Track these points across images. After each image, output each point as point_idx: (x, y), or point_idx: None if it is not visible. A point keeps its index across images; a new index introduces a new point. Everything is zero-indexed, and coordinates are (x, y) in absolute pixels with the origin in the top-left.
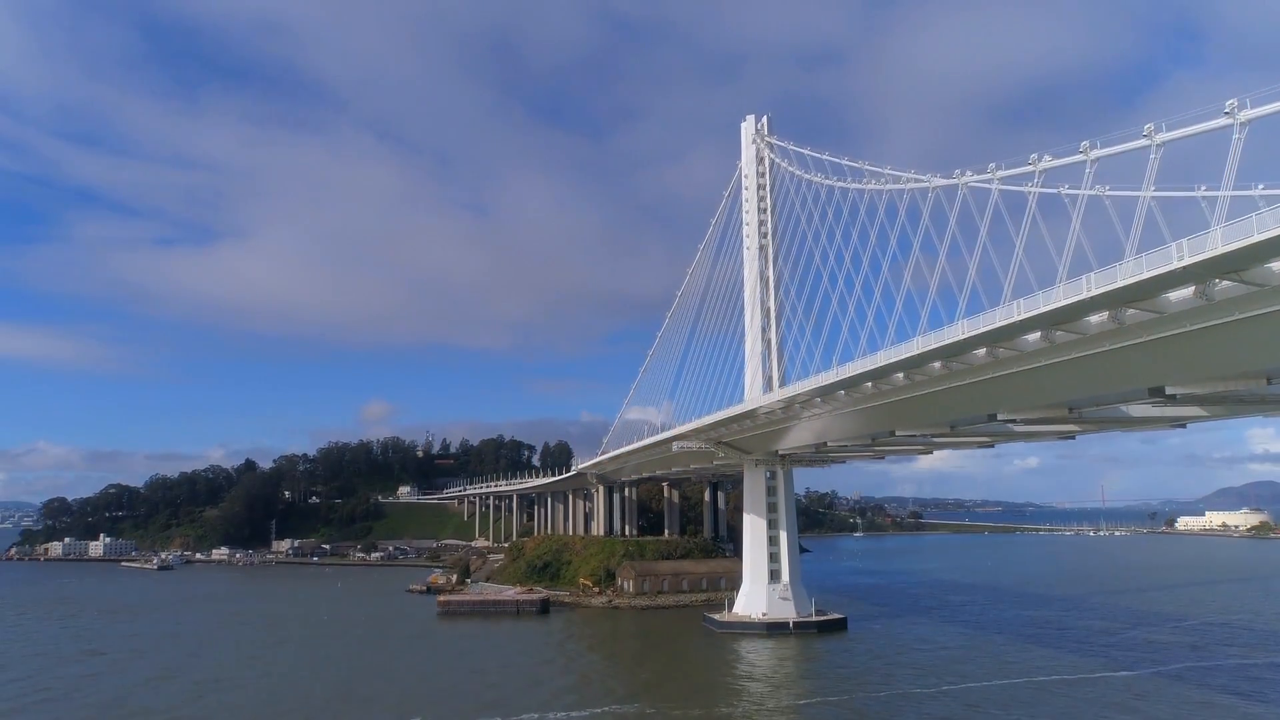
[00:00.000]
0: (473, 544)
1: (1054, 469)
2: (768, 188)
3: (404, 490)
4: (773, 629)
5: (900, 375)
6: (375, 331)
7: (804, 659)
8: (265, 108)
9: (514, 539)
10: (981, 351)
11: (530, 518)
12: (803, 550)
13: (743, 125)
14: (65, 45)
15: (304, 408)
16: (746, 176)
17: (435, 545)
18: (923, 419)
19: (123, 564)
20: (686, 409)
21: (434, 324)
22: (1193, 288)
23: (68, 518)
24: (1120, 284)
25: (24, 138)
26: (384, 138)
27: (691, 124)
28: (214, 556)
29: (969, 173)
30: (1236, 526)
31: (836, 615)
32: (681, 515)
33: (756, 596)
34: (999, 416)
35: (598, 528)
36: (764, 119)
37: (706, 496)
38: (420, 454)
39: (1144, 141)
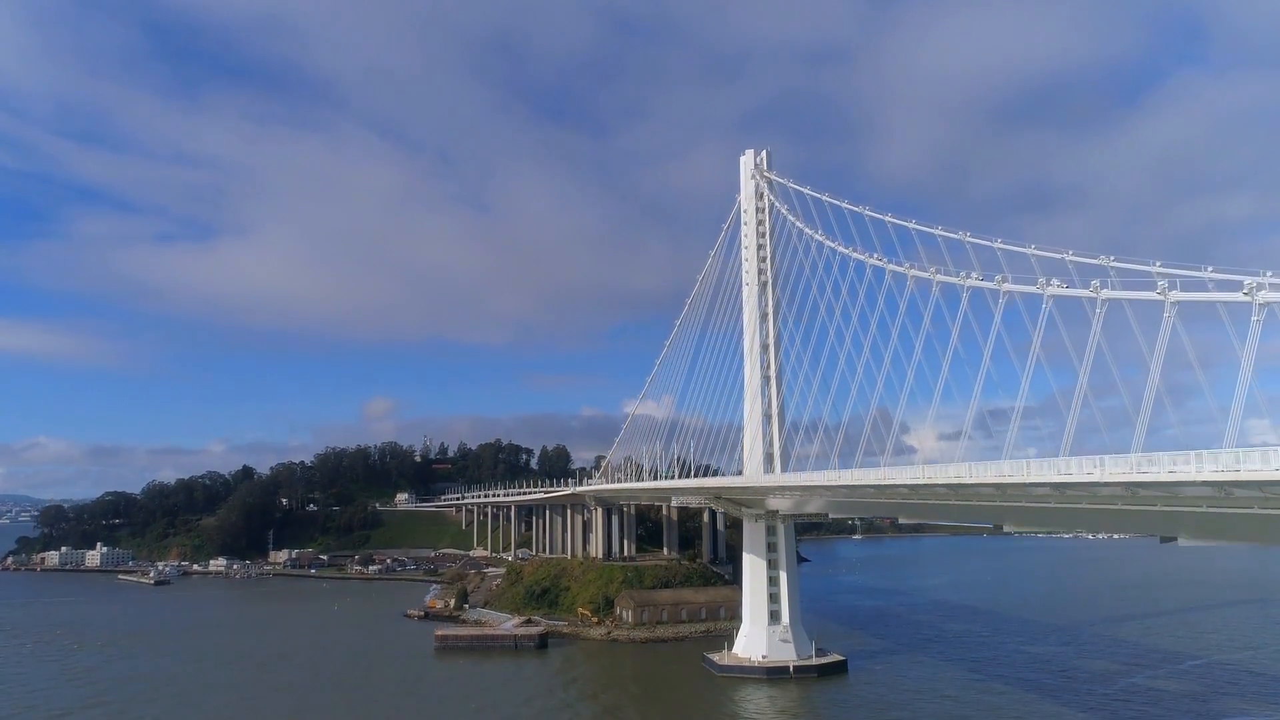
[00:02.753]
0: (471, 553)
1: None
2: (767, 229)
3: (401, 498)
4: (772, 674)
5: (905, 489)
6: (376, 327)
7: (801, 712)
8: (267, 105)
9: (512, 550)
10: (990, 488)
11: (528, 527)
12: (802, 560)
13: (742, 160)
14: (67, 43)
15: (305, 403)
16: (745, 211)
17: (433, 555)
18: (927, 515)
19: (119, 577)
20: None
21: (435, 320)
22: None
23: (64, 524)
24: (1137, 478)
25: (25, 135)
26: (385, 135)
27: (694, 122)
28: (211, 568)
29: (973, 275)
30: None
31: (836, 657)
32: (680, 532)
33: (756, 638)
34: (1005, 528)
35: (596, 545)
36: (763, 154)
37: (705, 517)
38: (418, 459)
39: (1155, 296)
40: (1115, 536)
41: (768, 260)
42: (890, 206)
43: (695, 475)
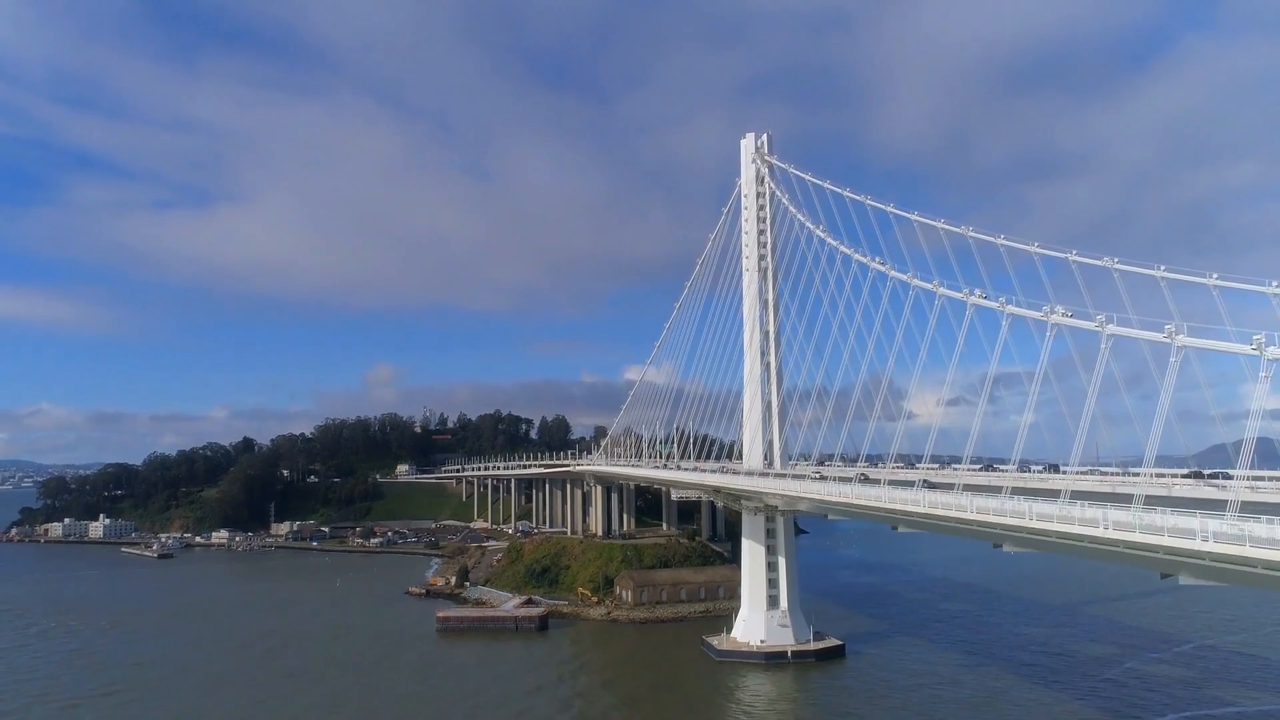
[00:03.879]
0: (472, 525)
1: (1051, 425)
2: (768, 215)
3: (402, 469)
4: (771, 659)
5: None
6: (376, 294)
7: (800, 699)
8: (263, 71)
9: (513, 522)
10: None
11: (529, 499)
12: (800, 532)
13: (742, 143)
14: (61, 8)
15: (307, 370)
16: (746, 196)
17: (434, 526)
18: (925, 529)
19: (123, 549)
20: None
21: (435, 287)
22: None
23: (67, 496)
24: (1139, 538)
25: (21, 101)
26: (384, 101)
27: (695, 88)
28: (214, 540)
29: (977, 292)
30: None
31: (834, 642)
32: (680, 507)
33: (755, 623)
34: (1005, 548)
35: (596, 520)
36: (764, 137)
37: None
38: (418, 429)
39: (1163, 338)
40: None
41: (768, 247)
42: (892, 174)
43: (695, 445)
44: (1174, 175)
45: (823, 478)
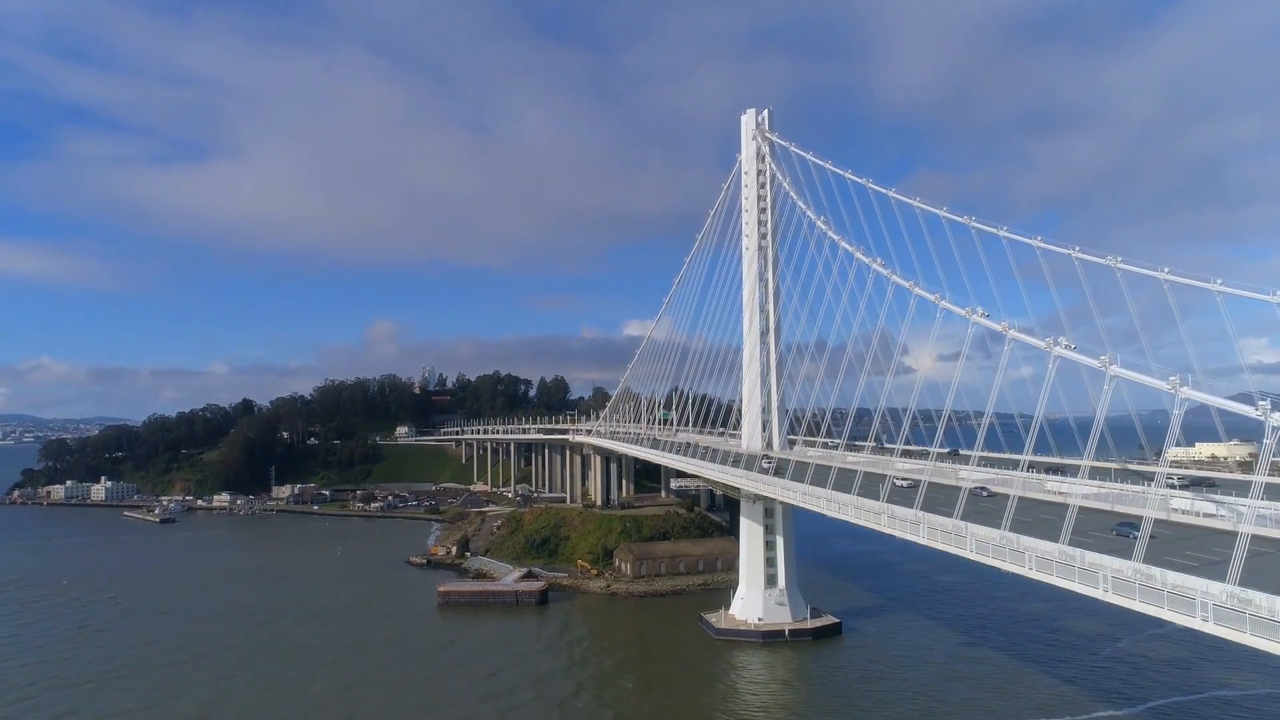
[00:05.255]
0: (471, 488)
1: (1043, 379)
2: (769, 196)
3: (401, 431)
4: (768, 638)
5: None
6: (374, 249)
7: (798, 680)
8: (259, 22)
9: (512, 486)
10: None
11: (528, 463)
12: None
13: (742, 119)
14: None
15: (307, 325)
16: (746, 174)
17: (434, 489)
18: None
19: (125, 513)
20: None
21: (434, 241)
22: None
23: (68, 457)
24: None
25: (12, 54)
26: (381, 54)
27: (698, 40)
28: (215, 504)
29: (979, 311)
30: (1225, 459)
31: (831, 619)
32: (679, 474)
33: (753, 601)
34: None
35: (595, 486)
36: (764, 113)
37: None
38: (417, 390)
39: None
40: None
41: (769, 226)
42: (895, 128)
43: (695, 408)
44: (1179, 129)
45: (816, 484)
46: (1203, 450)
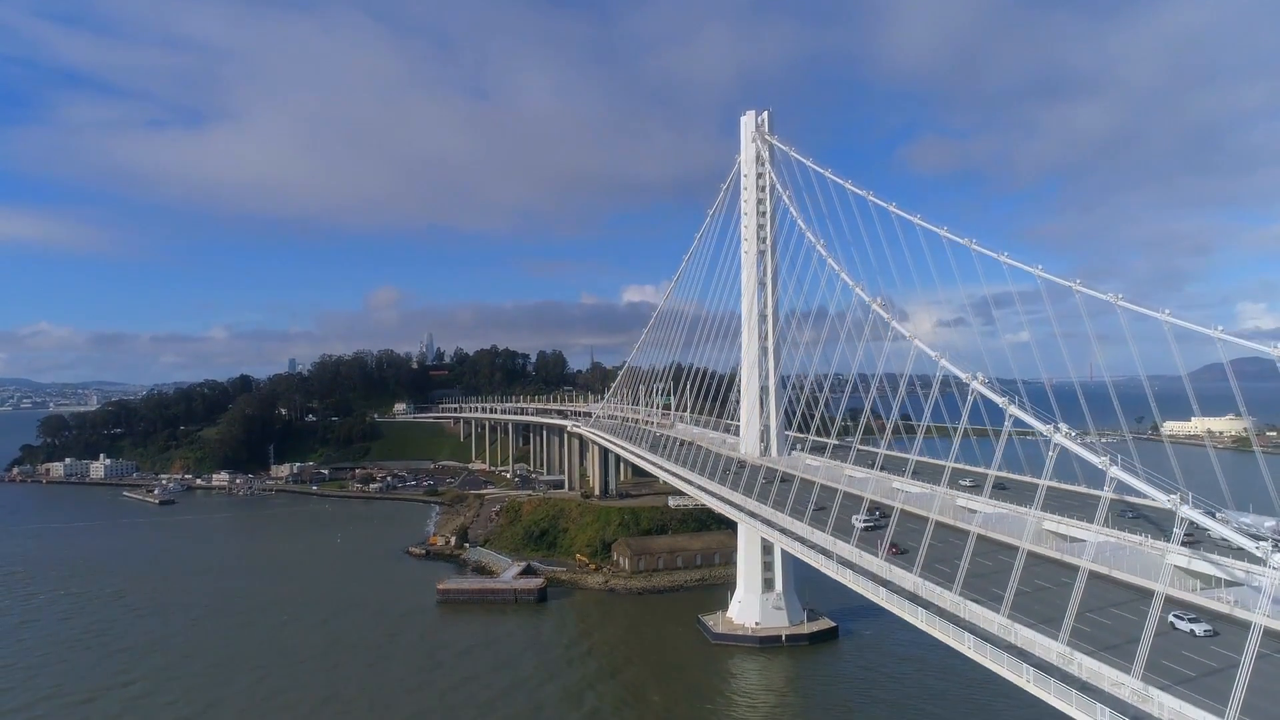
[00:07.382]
0: (470, 466)
1: (1045, 342)
2: (768, 199)
3: (399, 407)
4: (765, 643)
5: None
6: (374, 214)
7: (793, 690)
8: None
9: (511, 465)
10: None
11: (526, 442)
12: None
13: (742, 120)
14: None
15: (307, 291)
16: (745, 176)
17: (433, 467)
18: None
19: (124, 493)
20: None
21: (433, 207)
22: None
23: (67, 434)
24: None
25: (5, 17)
26: (379, 18)
27: (698, 5)
28: (214, 483)
29: (979, 376)
30: (1221, 433)
31: (827, 624)
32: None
33: (750, 606)
34: None
35: (593, 475)
36: (764, 115)
37: None
38: (415, 365)
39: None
40: (1100, 439)
41: (768, 230)
42: (900, 94)
43: (695, 385)
44: (1184, 95)
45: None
46: (1199, 424)
